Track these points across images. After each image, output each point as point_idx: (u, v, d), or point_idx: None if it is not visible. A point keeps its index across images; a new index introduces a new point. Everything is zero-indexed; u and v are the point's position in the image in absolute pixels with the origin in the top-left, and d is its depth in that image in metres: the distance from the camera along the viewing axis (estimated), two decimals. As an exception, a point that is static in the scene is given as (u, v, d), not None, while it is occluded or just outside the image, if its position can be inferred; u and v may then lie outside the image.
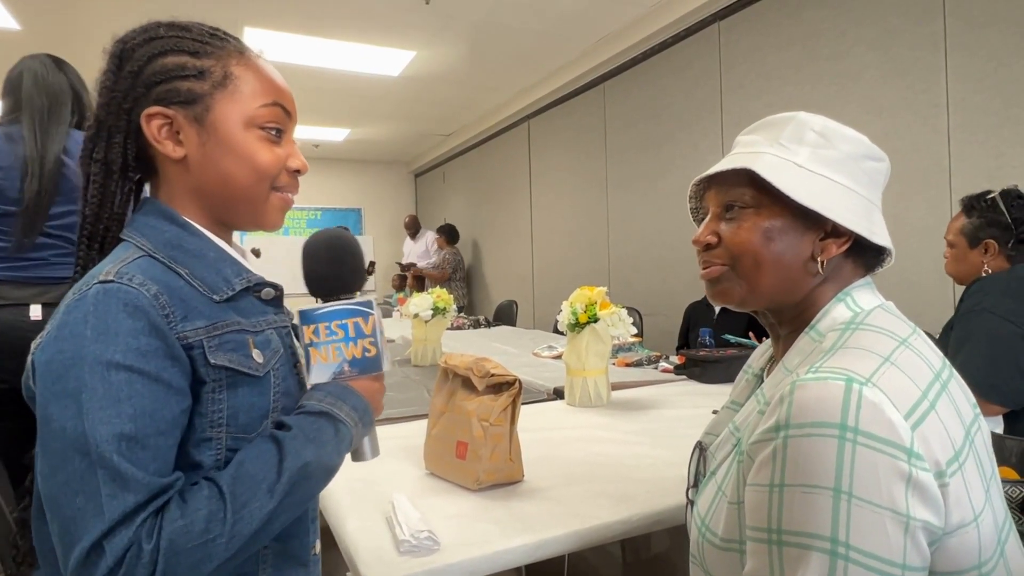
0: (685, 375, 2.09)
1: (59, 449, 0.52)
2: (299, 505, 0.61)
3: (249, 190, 0.66)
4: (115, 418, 0.52)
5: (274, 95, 0.67)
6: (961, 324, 1.53)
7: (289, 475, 0.58)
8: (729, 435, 0.69)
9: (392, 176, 8.22)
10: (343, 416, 0.64)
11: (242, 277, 0.66)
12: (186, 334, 0.58)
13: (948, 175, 2.35)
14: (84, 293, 0.56)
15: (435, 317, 2.43)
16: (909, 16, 2.46)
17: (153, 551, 0.50)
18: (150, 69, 0.62)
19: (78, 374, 0.52)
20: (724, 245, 0.68)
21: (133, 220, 0.65)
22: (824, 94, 2.80)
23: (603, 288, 1.74)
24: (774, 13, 3.04)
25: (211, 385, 0.59)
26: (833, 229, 0.66)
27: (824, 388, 0.54)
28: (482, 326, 4.06)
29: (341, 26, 3.69)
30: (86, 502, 0.50)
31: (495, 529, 0.93)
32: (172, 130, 0.63)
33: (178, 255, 0.62)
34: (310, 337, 0.68)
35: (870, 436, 0.51)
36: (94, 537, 0.49)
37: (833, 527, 0.51)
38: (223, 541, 0.53)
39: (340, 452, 0.65)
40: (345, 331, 0.68)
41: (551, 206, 5.13)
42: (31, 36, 3.65)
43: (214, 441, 0.59)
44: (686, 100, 3.63)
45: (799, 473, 0.53)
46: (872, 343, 0.59)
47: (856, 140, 0.68)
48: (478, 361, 1.15)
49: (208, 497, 0.54)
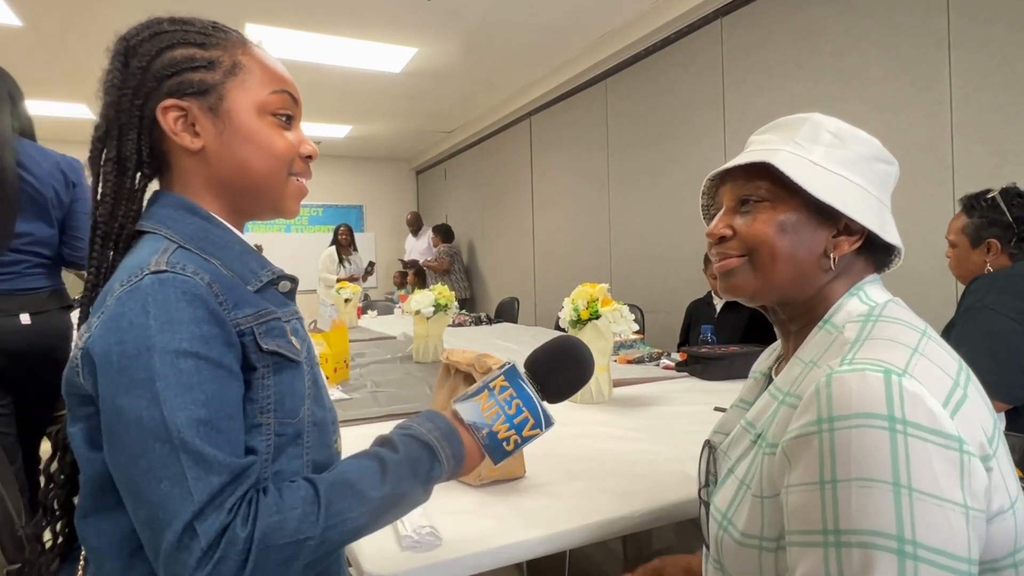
0: (687, 372, 2.09)
1: (137, 438, 0.52)
2: (380, 526, 0.61)
3: (269, 177, 0.66)
4: (190, 404, 0.53)
5: (281, 82, 0.67)
6: (962, 321, 1.53)
7: (385, 498, 0.59)
8: (743, 431, 0.69)
9: (393, 173, 8.22)
10: (443, 457, 0.65)
11: (266, 269, 0.66)
12: (239, 321, 0.59)
13: (951, 172, 2.35)
14: (136, 284, 0.55)
15: (437, 314, 2.43)
16: (913, 12, 2.45)
17: (247, 539, 0.51)
18: (159, 63, 0.62)
19: (147, 363, 0.53)
20: (739, 237, 0.69)
21: (152, 214, 0.65)
22: (827, 90, 2.79)
23: (605, 285, 1.74)
24: (777, 9, 3.03)
25: (261, 371, 0.60)
26: (846, 227, 0.66)
27: (863, 379, 0.53)
28: (484, 323, 4.06)
29: (342, 22, 3.68)
30: (172, 486, 0.51)
31: (497, 525, 0.93)
32: (188, 122, 0.63)
33: (207, 247, 0.63)
34: (497, 384, 0.69)
35: (918, 427, 0.50)
36: (185, 519, 0.50)
37: (898, 524, 0.49)
38: (313, 544, 0.54)
39: (427, 490, 0.65)
40: (517, 415, 0.69)
41: (553, 203, 5.13)
42: (33, 33, 3.66)
43: (263, 427, 0.60)
44: (688, 96, 3.62)
45: (853, 466, 0.51)
46: (897, 334, 0.59)
47: (869, 142, 0.69)
48: (480, 357, 1.15)
49: (304, 499, 0.55)
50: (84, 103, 5.21)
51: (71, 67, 4.32)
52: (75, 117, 5.56)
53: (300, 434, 0.64)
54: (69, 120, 5.68)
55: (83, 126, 4.00)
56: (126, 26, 0.65)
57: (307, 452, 0.64)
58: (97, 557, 0.60)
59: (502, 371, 0.71)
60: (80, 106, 5.27)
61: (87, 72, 4.44)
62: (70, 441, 0.60)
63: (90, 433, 0.58)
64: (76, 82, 4.66)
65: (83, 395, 0.57)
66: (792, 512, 0.56)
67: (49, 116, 5.53)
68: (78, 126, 5.90)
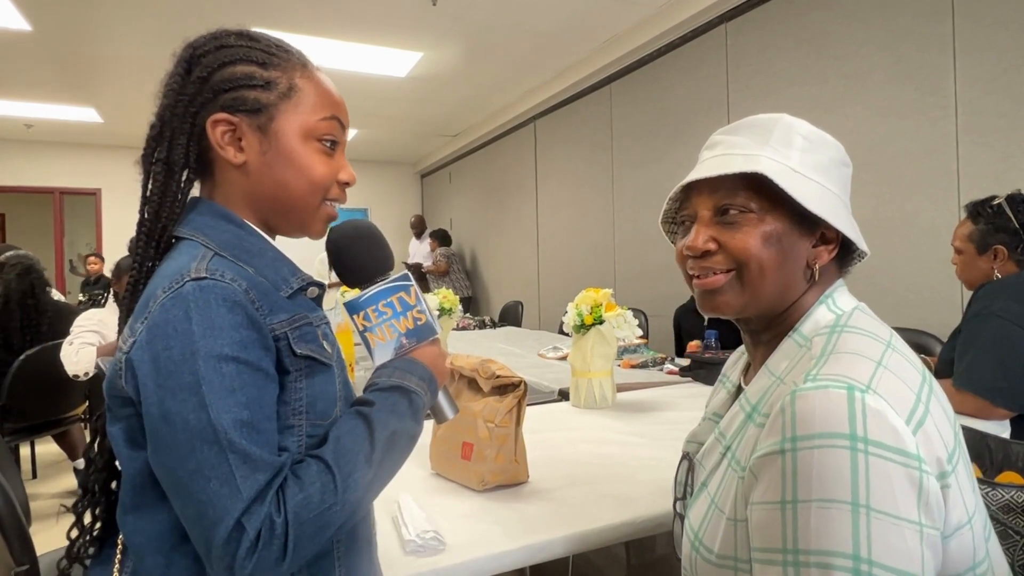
0: (690, 377, 2.09)
1: (184, 440, 0.54)
2: (392, 470, 0.65)
3: (303, 200, 0.68)
4: (234, 407, 0.55)
5: (332, 108, 0.69)
6: (969, 328, 1.53)
7: (381, 444, 0.62)
8: (715, 442, 0.69)
9: (398, 176, 8.24)
10: (413, 387, 0.68)
11: (297, 276, 0.68)
12: (274, 326, 0.61)
13: (956, 177, 2.34)
14: (177, 291, 0.57)
15: (441, 317, 2.44)
16: (918, 17, 2.45)
17: (283, 524, 0.54)
18: (219, 76, 0.65)
19: (192, 368, 0.55)
20: (726, 251, 0.65)
21: (190, 220, 0.66)
22: (832, 95, 2.79)
23: (609, 290, 1.74)
24: (782, 14, 3.04)
25: (294, 375, 0.62)
26: (822, 235, 0.65)
27: (826, 397, 0.53)
28: (487, 326, 4.07)
29: (349, 27, 3.70)
30: (221, 485, 0.53)
31: (500, 530, 0.93)
32: (235, 136, 0.65)
33: (242, 254, 0.64)
34: (363, 323, 0.71)
35: (880, 445, 0.51)
36: (236, 515, 0.53)
37: (855, 543, 0.49)
38: (338, 508, 0.57)
39: (418, 420, 0.68)
40: (392, 308, 0.71)
41: (557, 207, 5.13)
42: (42, 37, 3.69)
43: (295, 428, 0.62)
44: (693, 101, 3.62)
45: (814, 487, 0.51)
46: (861, 346, 0.59)
47: (836, 146, 0.68)
48: (484, 362, 1.15)
49: (318, 472, 0.58)
50: (92, 107, 5.24)
51: (79, 71, 4.35)
52: (83, 120, 5.60)
53: None
54: (77, 124, 5.73)
55: (92, 129, 4.07)
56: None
57: None
58: (138, 552, 0.61)
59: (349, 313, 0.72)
60: (88, 109, 5.31)
61: (95, 76, 4.47)
62: (111, 440, 0.63)
63: (130, 432, 0.61)
64: (84, 86, 4.69)
65: (124, 397, 0.59)
66: (754, 529, 0.56)
67: (58, 120, 5.57)
68: (87, 129, 5.95)
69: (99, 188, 6.74)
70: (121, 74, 4.39)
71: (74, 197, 6.88)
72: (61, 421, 2.87)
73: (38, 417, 2.78)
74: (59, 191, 6.70)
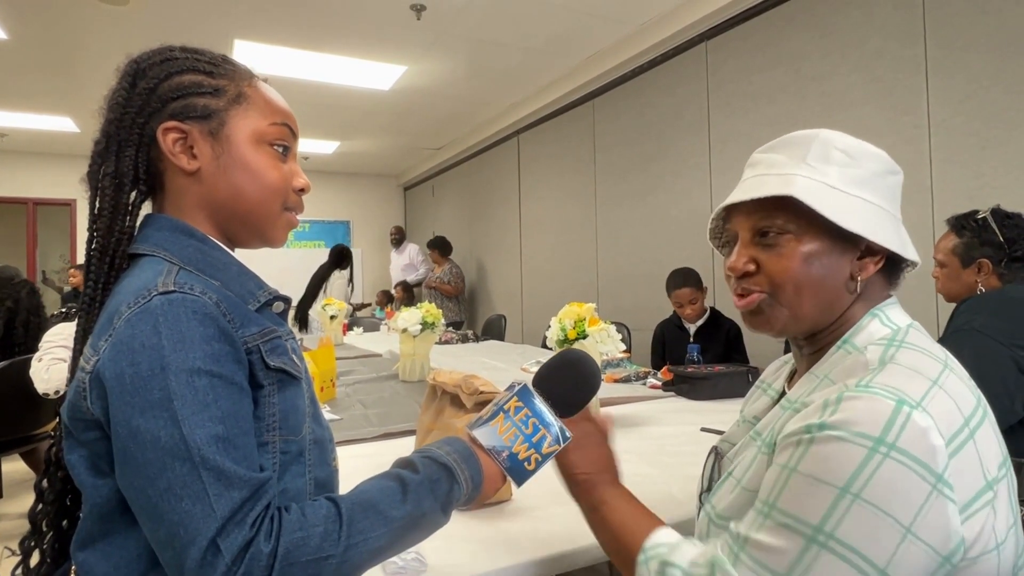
0: (673, 391, 2.09)
1: (155, 458, 0.52)
2: (400, 549, 0.61)
3: (260, 205, 0.68)
4: (208, 422, 0.53)
5: (282, 115, 0.69)
6: (950, 342, 1.54)
7: (406, 519, 0.59)
8: (750, 440, 0.69)
9: (381, 189, 8.22)
10: (462, 480, 0.65)
11: (263, 290, 0.67)
12: (246, 339, 0.60)
13: (930, 195, 2.39)
14: (144, 305, 0.55)
15: (423, 332, 2.41)
16: (891, 39, 2.52)
17: (271, 555, 0.51)
18: (166, 86, 0.64)
19: (163, 383, 0.53)
20: (764, 272, 0.66)
21: (147, 236, 0.65)
22: (809, 114, 2.85)
23: (592, 304, 1.74)
24: (760, 33, 3.10)
25: (267, 389, 0.61)
26: (867, 247, 0.65)
27: (873, 402, 0.53)
28: (470, 340, 4.05)
29: (332, 40, 3.70)
30: (193, 504, 0.51)
31: (482, 549, 0.92)
32: (186, 144, 0.65)
33: (207, 268, 0.63)
34: (511, 405, 0.70)
35: (904, 453, 0.51)
36: (209, 536, 0.50)
37: (824, 518, 0.52)
38: (334, 563, 0.54)
39: (447, 512, 0.65)
40: (535, 434, 0.70)
41: (540, 221, 5.15)
42: (18, 45, 3.63)
43: (270, 445, 0.60)
44: (674, 117, 3.67)
45: (814, 466, 0.54)
46: (919, 363, 0.59)
47: (878, 156, 0.68)
48: (467, 378, 1.14)
49: (326, 517, 0.55)
50: (69, 116, 5.16)
51: (56, 80, 4.29)
52: (60, 130, 5.51)
53: (303, 452, 0.64)
54: (52, 133, 5.63)
55: (67, 138, 4.01)
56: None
57: (309, 470, 0.65)
58: None
59: (515, 392, 0.72)
60: (65, 119, 5.22)
61: (72, 85, 4.41)
62: (71, 470, 0.60)
63: (93, 460, 0.58)
64: (61, 95, 4.62)
65: (88, 420, 0.57)
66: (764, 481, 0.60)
67: (33, 129, 5.47)
68: (62, 139, 5.85)
69: (74, 199, 6.61)
70: (99, 83, 4.30)
71: (48, 208, 6.75)
72: (30, 439, 2.79)
73: (6, 435, 2.70)
74: (32, 201, 6.57)
